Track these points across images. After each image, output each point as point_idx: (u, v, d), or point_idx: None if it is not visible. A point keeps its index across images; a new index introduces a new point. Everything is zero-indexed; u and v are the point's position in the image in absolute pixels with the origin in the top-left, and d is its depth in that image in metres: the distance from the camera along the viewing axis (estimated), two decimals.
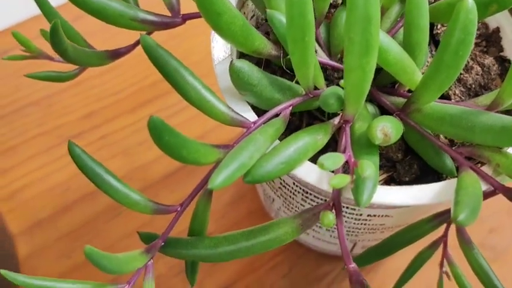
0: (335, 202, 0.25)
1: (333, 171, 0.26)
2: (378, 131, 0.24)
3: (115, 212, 0.43)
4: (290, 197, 0.32)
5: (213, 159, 0.25)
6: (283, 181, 0.31)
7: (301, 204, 0.32)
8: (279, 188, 0.33)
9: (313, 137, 0.26)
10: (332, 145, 0.28)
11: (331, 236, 0.35)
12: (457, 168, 0.28)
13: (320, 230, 0.35)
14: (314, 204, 0.31)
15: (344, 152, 0.25)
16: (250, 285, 0.41)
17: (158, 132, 0.22)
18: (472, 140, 0.26)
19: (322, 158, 0.23)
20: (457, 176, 0.26)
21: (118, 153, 0.45)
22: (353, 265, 0.25)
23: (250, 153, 0.24)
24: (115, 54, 0.31)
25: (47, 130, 0.46)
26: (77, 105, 0.47)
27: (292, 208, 0.34)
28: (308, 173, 0.26)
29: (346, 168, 0.28)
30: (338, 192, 0.25)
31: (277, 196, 0.34)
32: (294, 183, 0.30)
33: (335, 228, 0.34)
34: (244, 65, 0.26)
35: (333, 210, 0.25)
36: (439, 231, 0.32)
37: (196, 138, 0.24)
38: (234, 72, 0.26)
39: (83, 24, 0.34)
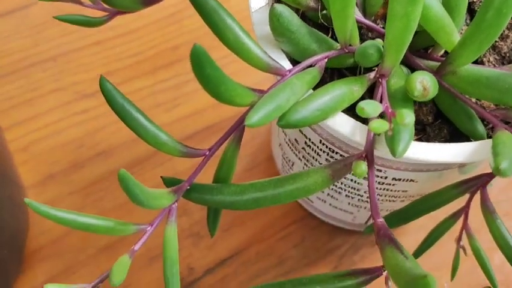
0: (367, 153, 0.25)
1: (366, 123, 0.26)
2: (417, 83, 0.24)
3: (129, 171, 0.43)
4: (313, 158, 0.32)
5: (248, 101, 0.24)
6: (309, 139, 0.31)
7: None
8: (303, 148, 0.32)
9: (349, 88, 0.25)
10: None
11: (349, 203, 0.35)
12: (488, 134, 0.28)
13: (338, 197, 0.34)
14: None
15: (381, 102, 0.24)
16: (261, 253, 0.40)
17: (200, 63, 0.21)
18: (507, 102, 0.26)
19: (362, 103, 0.23)
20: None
21: None
22: (380, 219, 0.25)
23: (287, 96, 0.24)
24: (149, 0, 0.31)
25: (64, 86, 0.46)
26: (95, 64, 0.46)
27: None
28: (342, 123, 0.26)
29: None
30: (371, 143, 0.25)
31: (299, 158, 0.34)
32: (320, 141, 0.30)
33: (354, 194, 0.33)
34: (285, 10, 0.25)
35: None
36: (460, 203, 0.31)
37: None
38: (274, 16, 0.25)
39: None
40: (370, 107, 0.23)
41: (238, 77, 0.26)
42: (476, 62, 0.30)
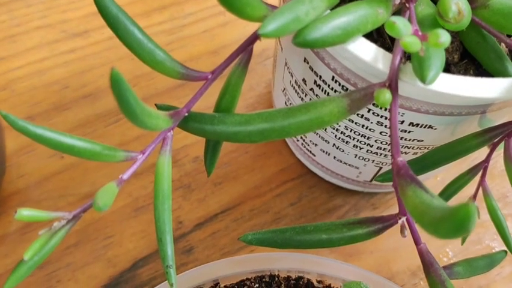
0: (391, 81, 0.22)
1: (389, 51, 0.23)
2: (453, 4, 0.21)
3: (115, 117, 0.40)
4: None
5: (261, 14, 0.21)
6: (320, 77, 0.28)
7: None
8: (311, 89, 0.29)
9: (374, 9, 0.22)
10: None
11: (356, 155, 0.32)
12: None
13: (345, 147, 0.32)
14: None
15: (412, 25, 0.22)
16: (255, 209, 0.37)
17: None
18: None
19: (393, 18, 0.20)
20: None
21: (125, 56, 0.41)
22: (400, 158, 0.22)
23: (306, 8, 0.21)
24: None
25: (51, 23, 0.42)
26: (85, 2, 0.43)
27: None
28: (364, 49, 0.23)
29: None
30: (395, 71, 0.22)
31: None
32: (333, 78, 0.27)
33: (364, 144, 0.31)
34: None
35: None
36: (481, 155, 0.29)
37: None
38: None
39: None
40: (401, 23, 0.20)
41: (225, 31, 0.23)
42: None
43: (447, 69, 0.26)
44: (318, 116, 0.22)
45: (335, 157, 0.34)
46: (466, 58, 0.26)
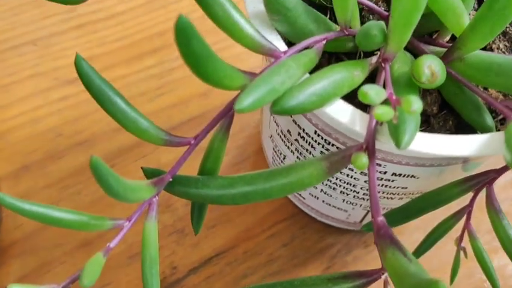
0: (368, 144, 0.23)
1: (366, 111, 0.24)
2: (425, 67, 0.22)
3: (110, 162, 0.40)
4: (307, 150, 0.30)
5: (238, 84, 0.22)
6: (303, 130, 0.28)
7: None
8: (296, 140, 0.30)
9: (350, 72, 0.23)
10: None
11: (344, 200, 0.33)
12: (497, 126, 0.26)
13: (332, 193, 0.32)
14: None
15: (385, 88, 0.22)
16: (248, 252, 0.38)
17: (186, 36, 0.19)
18: None
19: (365, 87, 0.20)
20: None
21: None
22: (381, 218, 0.23)
23: (282, 79, 0.21)
24: None
25: (43, 71, 0.43)
26: (77, 49, 0.44)
27: None
28: (341, 111, 0.23)
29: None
30: (372, 133, 0.23)
31: (291, 151, 0.32)
32: (315, 132, 0.27)
33: (350, 191, 0.31)
34: None
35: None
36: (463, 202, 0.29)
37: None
38: None
39: None
40: (373, 92, 0.20)
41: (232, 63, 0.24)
42: (484, 49, 0.28)
43: (426, 120, 0.27)
44: (298, 178, 0.23)
45: (323, 201, 0.34)
46: (446, 108, 0.27)
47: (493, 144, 0.23)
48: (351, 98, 0.27)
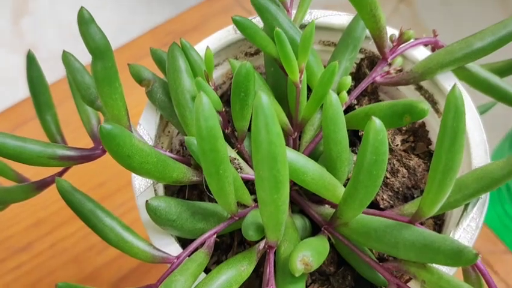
0: None
1: None
2: (298, 263, 0.24)
3: None
4: None
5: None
6: None
7: None
8: None
9: (237, 269, 0.25)
10: (258, 271, 0.28)
11: None
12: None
13: None
14: None
15: (267, 285, 0.24)
16: None
17: None
18: (397, 255, 0.26)
19: None
20: None
21: (69, 260, 0.44)
22: None
23: None
24: (42, 185, 0.31)
25: None
26: (23, 215, 0.46)
27: None
28: None
29: None
30: None
31: None
32: None
33: None
34: (161, 203, 0.25)
35: None
36: None
37: None
38: (150, 211, 0.25)
39: None
40: None
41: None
42: (371, 203, 0.30)
43: (327, 279, 0.29)
44: None
45: None
46: (343, 265, 0.29)
47: None
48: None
